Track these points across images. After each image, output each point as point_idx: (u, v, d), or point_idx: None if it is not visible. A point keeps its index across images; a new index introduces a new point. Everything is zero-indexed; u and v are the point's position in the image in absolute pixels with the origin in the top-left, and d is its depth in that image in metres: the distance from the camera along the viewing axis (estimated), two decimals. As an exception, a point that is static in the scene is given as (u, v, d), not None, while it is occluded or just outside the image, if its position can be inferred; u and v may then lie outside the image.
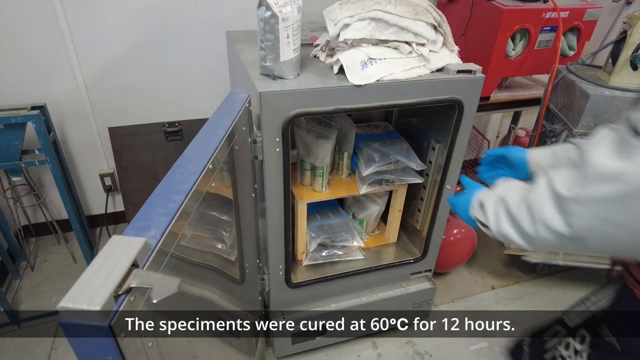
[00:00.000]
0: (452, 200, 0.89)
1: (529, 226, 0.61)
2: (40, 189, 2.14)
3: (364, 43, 1.20)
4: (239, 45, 1.51)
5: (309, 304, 1.58)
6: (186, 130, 2.18)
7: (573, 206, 0.55)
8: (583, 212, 0.54)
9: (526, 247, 0.65)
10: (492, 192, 0.75)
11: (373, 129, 1.63)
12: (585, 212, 0.54)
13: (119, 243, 0.56)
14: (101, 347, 0.49)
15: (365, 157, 1.47)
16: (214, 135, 0.92)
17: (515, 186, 0.71)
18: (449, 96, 1.27)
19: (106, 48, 1.93)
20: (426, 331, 1.88)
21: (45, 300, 1.92)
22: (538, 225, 0.60)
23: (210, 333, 1.04)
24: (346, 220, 1.72)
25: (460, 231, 1.95)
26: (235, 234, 1.19)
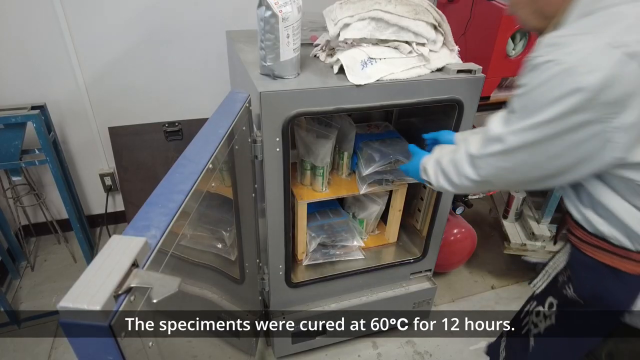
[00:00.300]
0: (404, 168, 1.14)
1: (455, 178, 0.85)
2: (41, 188, 2.14)
3: (364, 43, 1.20)
4: (239, 45, 1.51)
5: (309, 303, 1.58)
6: (186, 130, 2.18)
7: (478, 161, 0.77)
8: (485, 164, 0.76)
9: (455, 192, 0.96)
10: (431, 157, 0.98)
11: (373, 129, 1.63)
12: (486, 164, 0.76)
13: (119, 243, 0.56)
14: (101, 347, 0.49)
15: (365, 156, 1.47)
16: (214, 135, 0.92)
17: (446, 150, 0.94)
18: (449, 96, 1.27)
19: (106, 48, 1.93)
20: (426, 331, 1.88)
21: (45, 300, 1.92)
22: (461, 177, 0.83)
23: (210, 333, 1.04)
24: (346, 220, 1.72)
25: (460, 231, 1.95)
26: (235, 234, 1.19)
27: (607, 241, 0.71)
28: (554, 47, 0.60)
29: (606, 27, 0.58)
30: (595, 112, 0.58)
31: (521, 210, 2.02)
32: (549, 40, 0.62)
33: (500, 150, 0.71)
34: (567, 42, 0.59)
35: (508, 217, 2.02)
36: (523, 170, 0.71)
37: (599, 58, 0.56)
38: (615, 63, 0.56)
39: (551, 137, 0.63)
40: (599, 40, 0.57)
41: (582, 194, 0.73)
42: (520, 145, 0.68)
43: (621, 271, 0.69)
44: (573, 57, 0.58)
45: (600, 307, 0.73)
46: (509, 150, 0.70)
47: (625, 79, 0.56)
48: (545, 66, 0.60)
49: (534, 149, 0.67)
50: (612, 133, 0.59)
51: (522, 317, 0.97)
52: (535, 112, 0.63)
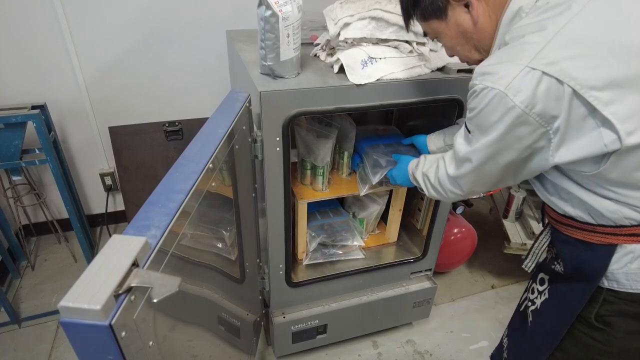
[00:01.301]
0: (390, 175, 1.31)
1: (443, 193, 1.00)
2: (41, 188, 2.14)
3: (364, 42, 1.20)
4: (239, 45, 1.51)
5: (310, 303, 1.58)
6: (186, 130, 2.18)
7: (458, 180, 0.92)
8: (464, 182, 0.91)
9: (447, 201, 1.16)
10: (417, 167, 1.12)
11: (380, 132, 1.61)
12: (465, 181, 0.91)
13: (119, 242, 0.56)
14: (101, 346, 0.49)
15: (371, 162, 1.42)
16: (214, 134, 0.92)
17: (429, 162, 1.08)
18: (449, 95, 1.27)
19: (106, 47, 1.93)
20: (426, 330, 1.88)
21: (45, 300, 1.93)
22: (448, 192, 0.98)
23: (211, 332, 1.04)
24: (346, 219, 1.72)
25: (461, 230, 1.95)
26: (236, 234, 1.19)
27: (574, 219, 0.82)
28: (485, 75, 0.73)
29: (521, 54, 0.69)
30: (532, 122, 0.70)
31: (521, 210, 2.02)
32: (480, 70, 0.75)
33: (471, 169, 0.85)
34: (493, 71, 0.72)
35: (508, 216, 2.02)
36: (496, 176, 0.84)
37: (521, 80, 0.68)
38: (536, 81, 0.67)
39: (505, 147, 0.76)
40: (519, 66, 0.68)
41: (546, 184, 0.85)
42: (484, 159, 0.81)
43: (591, 243, 0.79)
44: (502, 82, 0.70)
45: (580, 277, 0.82)
46: (478, 166, 0.83)
47: (544, 92, 0.67)
48: (482, 93, 0.73)
49: (496, 159, 0.79)
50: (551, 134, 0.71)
51: (522, 299, 1.04)
52: (486, 130, 0.76)
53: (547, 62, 0.67)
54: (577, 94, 0.65)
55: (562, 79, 0.65)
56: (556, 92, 0.66)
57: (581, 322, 0.84)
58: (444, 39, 0.93)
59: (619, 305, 0.79)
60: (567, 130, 0.69)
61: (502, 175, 0.83)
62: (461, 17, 0.85)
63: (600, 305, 0.80)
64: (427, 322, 1.92)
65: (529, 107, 0.68)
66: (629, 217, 0.74)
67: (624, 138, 0.65)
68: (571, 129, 0.69)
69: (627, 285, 0.77)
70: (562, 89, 0.66)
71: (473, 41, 0.87)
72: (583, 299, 0.81)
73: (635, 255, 0.75)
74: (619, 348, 0.80)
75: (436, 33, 0.93)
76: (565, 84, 0.65)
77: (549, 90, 0.67)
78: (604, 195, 0.75)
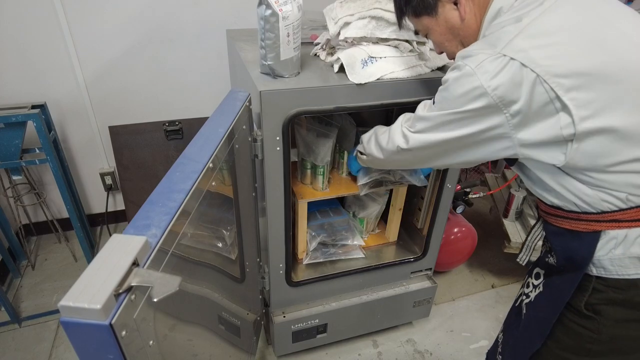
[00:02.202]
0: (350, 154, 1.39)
1: (384, 142, 1.04)
2: (41, 187, 2.14)
3: (365, 41, 1.20)
4: (239, 44, 1.51)
5: (310, 302, 1.58)
6: (186, 129, 2.18)
7: (408, 135, 0.95)
8: (414, 138, 0.93)
9: (380, 157, 1.09)
10: (369, 132, 1.18)
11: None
12: (414, 139, 0.93)
13: (119, 242, 0.56)
14: (102, 346, 0.49)
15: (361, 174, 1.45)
16: (214, 134, 0.92)
17: (384, 128, 1.11)
18: (449, 95, 1.27)
19: (106, 47, 1.93)
20: (426, 330, 1.88)
21: (46, 299, 1.93)
22: (389, 143, 1.02)
23: (211, 331, 1.04)
24: (346, 219, 1.72)
25: (461, 230, 1.95)
26: (236, 233, 1.19)
27: (561, 209, 0.85)
28: (465, 57, 0.79)
29: (496, 42, 0.76)
30: (492, 103, 0.76)
31: (521, 209, 2.02)
32: (462, 53, 0.82)
33: (425, 127, 0.90)
34: (473, 53, 0.79)
35: (508, 216, 2.02)
36: (442, 146, 0.89)
37: (491, 62, 0.75)
38: (503, 65, 0.73)
39: (461, 121, 0.82)
40: (492, 51, 0.75)
41: (531, 176, 0.88)
42: (437, 126, 0.86)
43: (578, 232, 0.82)
44: (474, 62, 0.77)
45: (571, 267, 0.84)
46: (432, 127, 0.88)
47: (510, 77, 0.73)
48: (457, 68, 0.80)
49: (448, 130, 0.85)
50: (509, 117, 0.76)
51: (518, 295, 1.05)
52: (449, 102, 0.82)
53: (517, 50, 0.73)
54: (540, 79, 0.71)
55: (528, 65, 0.71)
56: (520, 77, 0.72)
57: (571, 311, 0.85)
58: (433, 35, 0.99)
59: (607, 293, 0.80)
60: (529, 114, 0.75)
61: (449, 149, 0.89)
62: (450, 13, 0.92)
63: (590, 294, 0.82)
64: (427, 321, 1.92)
65: (491, 87, 0.74)
66: (607, 200, 0.77)
67: (577, 123, 0.71)
68: (532, 113, 0.74)
69: (613, 271, 0.79)
70: (526, 75, 0.72)
71: (460, 37, 0.94)
72: (572, 286, 0.84)
73: (618, 241, 0.78)
74: (609, 335, 0.82)
75: (426, 29, 1.00)
76: (529, 69, 0.71)
77: (513, 74, 0.72)
78: (581, 180, 0.78)
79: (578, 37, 0.73)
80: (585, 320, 0.83)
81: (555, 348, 0.90)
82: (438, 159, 0.95)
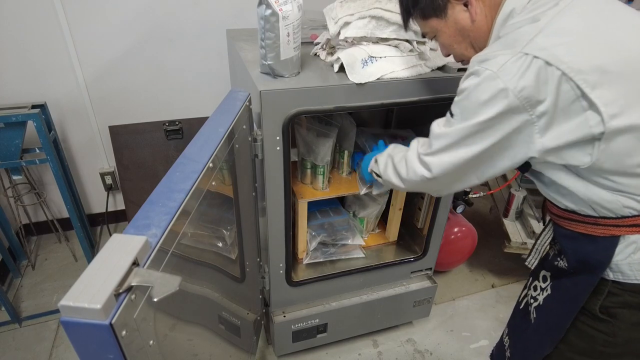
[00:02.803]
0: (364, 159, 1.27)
1: (404, 172, 0.97)
2: (41, 187, 2.14)
3: (365, 41, 1.20)
4: (239, 44, 1.51)
5: (310, 302, 1.58)
6: (186, 129, 2.18)
7: (429, 159, 0.88)
8: (435, 162, 0.87)
9: (402, 186, 1.01)
10: (384, 152, 1.11)
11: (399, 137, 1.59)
12: (436, 162, 0.87)
13: (119, 241, 0.56)
14: (102, 345, 0.49)
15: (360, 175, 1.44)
16: (214, 133, 0.92)
17: (399, 149, 1.08)
18: (449, 94, 1.27)
19: (106, 46, 1.93)
20: (427, 329, 1.88)
21: (46, 299, 1.93)
22: (410, 172, 0.95)
23: (211, 331, 1.04)
24: (346, 218, 1.72)
25: (461, 229, 1.95)
26: (236, 233, 1.19)
27: (576, 213, 0.83)
28: (483, 62, 0.76)
29: (515, 43, 0.74)
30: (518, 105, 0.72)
31: (522, 209, 2.01)
32: (478, 57, 0.78)
33: (446, 145, 0.84)
34: (491, 56, 0.75)
35: (508, 215, 2.02)
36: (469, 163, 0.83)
37: (513, 63, 0.72)
38: (527, 65, 0.71)
39: (486, 130, 0.77)
40: (513, 52, 0.73)
41: (546, 181, 0.86)
42: (460, 142, 0.81)
43: (594, 236, 0.80)
44: (495, 65, 0.73)
45: (585, 270, 0.83)
46: (454, 144, 0.82)
47: (535, 76, 0.70)
48: (475, 74, 0.77)
49: (472, 143, 0.80)
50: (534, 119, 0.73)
51: (522, 297, 1.04)
52: (471, 112, 0.78)
53: (539, 48, 0.70)
54: (566, 77, 0.69)
55: (552, 62, 0.69)
56: (545, 76, 0.70)
57: (585, 314, 0.84)
58: (442, 37, 0.95)
59: (623, 296, 0.79)
60: (555, 114, 0.72)
61: (475, 164, 0.84)
62: (460, 15, 0.89)
63: (605, 297, 0.81)
64: (428, 321, 1.92)
65: (517, 89, 0.71)
66: (628, 205, 0.76)
67: (607, 121, 0.69)
68: (559, 113, 0.72)
69: (632, 276, 0.78)
70: (551, 73, 0.69)
71: (470, 39, 0.91)
72: (586, 291, 0.82)
73: (638, 246, 0.76)
74: (624, 338, 0.81)
75: (434, 32, 0.96)
76: (554, 67, 0.69)
77: (538, 73, 0.70)
78: (602, 185, 0.76)
79: (597, 35, 0.72)
80: (600, 324, 0.82)
81: (566, 351, 0.89)
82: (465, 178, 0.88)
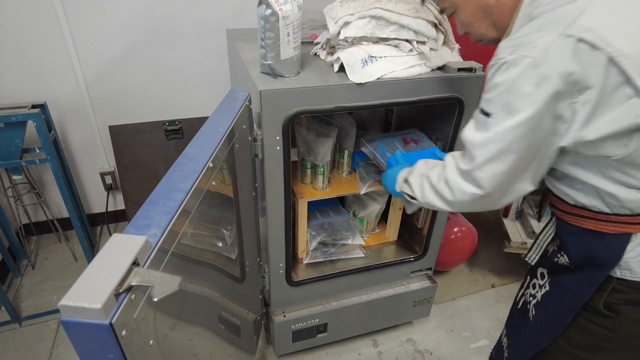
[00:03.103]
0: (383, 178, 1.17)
1: (449, 195, 0.87)
2: (41, 187, 2.14)
3: (365, 41, 1.20)
4: (239, 44, 1.51)
5: (310, 302, 1.58)
6: (186, 129, 2.18)
7: (477, 173, 0.79)
8: (484, 174, 0.78)
9: (447, 209, 0.92)
10: (414, 170, 1.01)
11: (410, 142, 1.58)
12: (485, 173, 0.78)
13: (119, 241, 0.56)
14: (102, 345, 0.49)
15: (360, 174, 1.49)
16: (214, 133, 0.92)
17: (432, 165, 0.97)
18: (449, 94, 1.27)
19: (107, 46, 1.93)
20: (427, 329, 1.88)
21: (46, 299, 1.93)
22: (456, 193, 0.85)
23: (211, 331, 1.04)
24: (346, 218, 1.72)
25: (461, 229, 1.95)
26: (236, 232, 1.19)
27: (587, 209, 0.80)
28: (516, 47, 0.69)
29: (555, 24, 0.67)
30: (566, 92, 0.67)
31: (521, 209, 2.01)
32: (509, 43, 0.71)
33: (493, 152, 0.75)
34: (526, 41, 0.68)
35: (508, 215, 2.02)
36: (519, 168, 0.76)
37: (558, 47, 0.65)
38: (572, 48, 0.65)
39: (535, 126, 0.70)
40: (554, 34, 0.66)
41: (557, 175, 0.83)
42: (506, 145, 0.74)
43: (603, 233, 0.78)
44: (536, 50, 0.66)
45: (590, 268, 0.81)
46: (503, 149, 0.74)
47: (581, 60, 0.65)
48: (513, 64, 0.69)
49: (520, 142, 0.73)
50: (578, 106, 0.68)
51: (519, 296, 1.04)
52: (515, 107, 0.70)
53: (584, 29, 0.64)
54: (613, 61, 0.64)
55: (599, 45, 0.63)
56: (592, 59, 0.64)
57: (588, 310, 0.83)
58: (462, 13, 0.90)
59: (628, 294, 0.78)
60: (599, 102, 0.66)
61: (527, 165, 0.76)
62: None
63: (609, 294, 0.80)
64: (428, 320, 1.92)
65: (564, 74, 0.65)
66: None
67: None
68: (602, 100, 0.66)
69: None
70: (599, 56, 0.64)
71: (492, 17, 0.86)
72: (590, 287, 0.81)
73: None
74: (625, 334, 0.81)
75: (454, 7, 0.91)
76: (601, 50, 0.63)
77: (585, 57, 0.64)
78: (624, 182, 0.73)
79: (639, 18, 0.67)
80: (602, 319, 0.81)
81: (565, 345, 0.88)
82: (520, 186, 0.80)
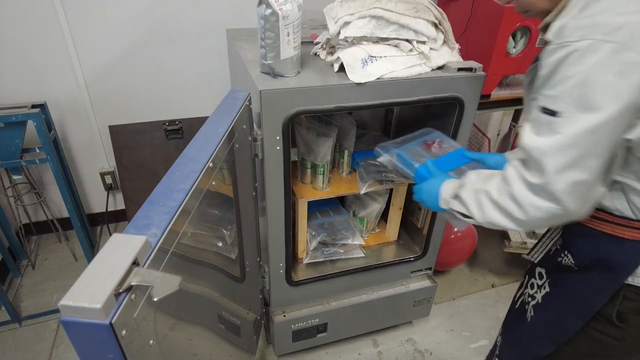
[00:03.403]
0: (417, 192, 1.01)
1: (518, 213, 0.72)
2: (41, 187, 2.14)
3: (365, 41, 1.20)
4: (239, 44, 1.51)
5: (310, 302, 1.58)
6: (186, 129, 2.18)
7: (550, 187, 0.66)
8: (559, 186, 0.66)
9: (517, 228, 0.76)
10: (467, 184, 0.84)
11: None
12: (560, 184, 0.66)
13: (119, 241, 0.56)
14: (102, 345, 0.49)
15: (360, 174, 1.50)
16: (214, 133, 0.92)
17: (487, 176, 0.81)
18: (449, 94, 1.27)
19: (107, 46, 1.92)
20: (427, 329, 1.88)
21: (46, 299, 1.93)
22: (529, 210, 0.70)
23: (211, 331, 1.04)
24: (346, 218, 1.72)
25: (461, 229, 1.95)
26: (236, 232, 1.19)
27: (607, 212, 0.74)
28: (589, 29, 0.58)
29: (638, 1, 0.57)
30: None
31: (522, 209, 2.01)
32: (578, 24, 0.60)
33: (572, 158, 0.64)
34: (603, 21, 0.58)
35: (508, 215, 2.02)
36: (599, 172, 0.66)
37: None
38: None
39: (619, 123, 0.61)
40: (636, 12, 0.56)
41: None
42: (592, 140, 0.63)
43: (621, 238, 0.73)
44: (620, 34, 0.56)
45: (599, 270, 0.78)
46: (582, 154, 0.63)
47: None
48: (589, 51, 0.58)
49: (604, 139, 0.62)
50: None
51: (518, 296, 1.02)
52: (594, 103, 0.60)
53: None
54: None
55: None
56: None
57: (599, 320, 0.81)
58: None
59: (637, 302, 0.76)
60: None
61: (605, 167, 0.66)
62: None
63: (621, 302, 0.77)
64: (428, 320, 1.92)
65: None
66: None
67: None
68: None
69: None
70: None
71: None
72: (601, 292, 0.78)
73: None
74: (630, 342, 0.80)
75: None
76: None
77: None
78: None
79: None
80: (613, 329, 0.79)
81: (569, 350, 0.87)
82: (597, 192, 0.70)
